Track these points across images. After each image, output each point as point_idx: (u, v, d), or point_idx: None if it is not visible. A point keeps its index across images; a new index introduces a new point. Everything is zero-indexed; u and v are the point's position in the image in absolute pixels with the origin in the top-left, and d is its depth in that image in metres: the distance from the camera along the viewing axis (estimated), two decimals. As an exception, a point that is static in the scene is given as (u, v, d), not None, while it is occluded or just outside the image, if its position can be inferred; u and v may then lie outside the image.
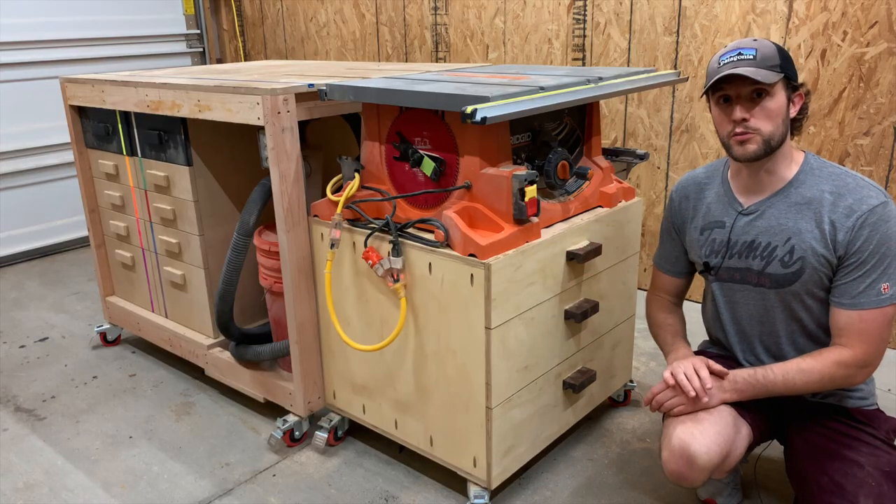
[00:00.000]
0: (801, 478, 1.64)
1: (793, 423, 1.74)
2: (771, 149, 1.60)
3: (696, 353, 1.96)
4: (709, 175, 1.83)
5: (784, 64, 1.57)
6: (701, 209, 1.81)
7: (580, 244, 1.93)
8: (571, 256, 1.89)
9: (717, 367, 1.66)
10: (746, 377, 1.63)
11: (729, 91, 1.59)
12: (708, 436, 1.57)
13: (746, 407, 1.68)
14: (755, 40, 1.60)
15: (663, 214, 1.92)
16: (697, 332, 2.01)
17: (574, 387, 2.00)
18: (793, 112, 1.62)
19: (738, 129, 1.59)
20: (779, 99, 1.57)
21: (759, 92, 1.57)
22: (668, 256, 1.94)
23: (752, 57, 1.56)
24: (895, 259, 1.56)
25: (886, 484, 1.52)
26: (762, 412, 1.73)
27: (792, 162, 1.66)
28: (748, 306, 1.74)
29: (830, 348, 1.61)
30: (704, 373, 1.63)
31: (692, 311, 3.20)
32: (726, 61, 1.58)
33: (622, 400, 2.43)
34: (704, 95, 1.66)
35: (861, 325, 1.57)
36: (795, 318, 1.68)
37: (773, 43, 1.60)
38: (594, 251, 1.93)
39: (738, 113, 1.58)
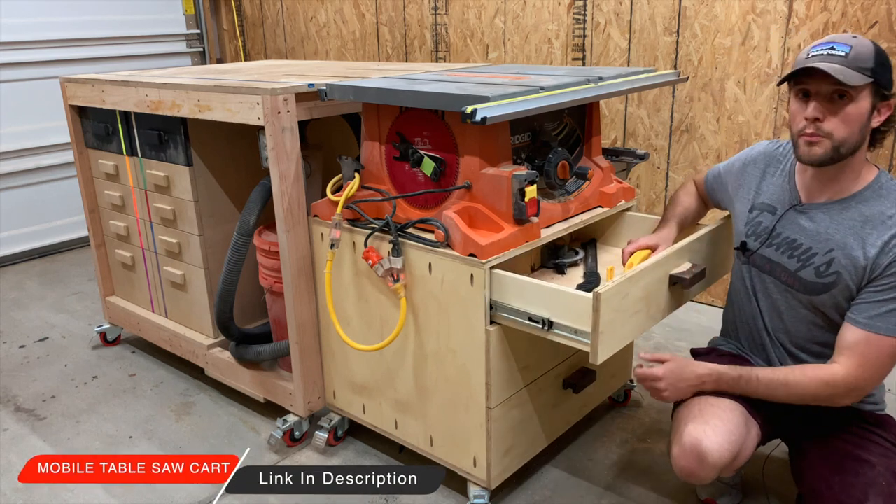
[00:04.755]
0: (811, 477, 1.64)
1: (803, 423, 1.73)
2: (840, 156, 1.51)
3: (707, 350, 1.93)
4: (785, 153, 1.74)
5: (877, 69, 1.46)
6: (759, 185, 1.74)
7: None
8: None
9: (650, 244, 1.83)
10: (730, 381, 1.63)
11: (809, 86, 1.49)
12: (720, 434, 1.56)
13: (756, 407, 1.68)
14: (854, 37, 1.49)
15: (731, 161, 1.87)
16: (711, 334, 2.00)
17: (574, 387, 2.00)
18: (876, 122, 1.53)
19: (808, 129, 1.50)
20: (861, 105, 1.47)
21: (840, 94, 1.47)
22: (719, 176, 1.89)
23: (843, 54, 1.46)
24: None
25: None
26: (772, 412, 1.72)
27: (860, 177, 1.57)
28: (770, 299, 1.71)
29: (822, 366, 1.57)
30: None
31: (703, 314, 3.15)
32: (814, 53, 1.49)
33: (622, 400, 2.42)
34: (786, 84, 1.55)
35: (865, 348, 1.51)
36: (814, 323, 1.65)
37: (875, 45, 1.49)
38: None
39: (811, 111, 1.49)
